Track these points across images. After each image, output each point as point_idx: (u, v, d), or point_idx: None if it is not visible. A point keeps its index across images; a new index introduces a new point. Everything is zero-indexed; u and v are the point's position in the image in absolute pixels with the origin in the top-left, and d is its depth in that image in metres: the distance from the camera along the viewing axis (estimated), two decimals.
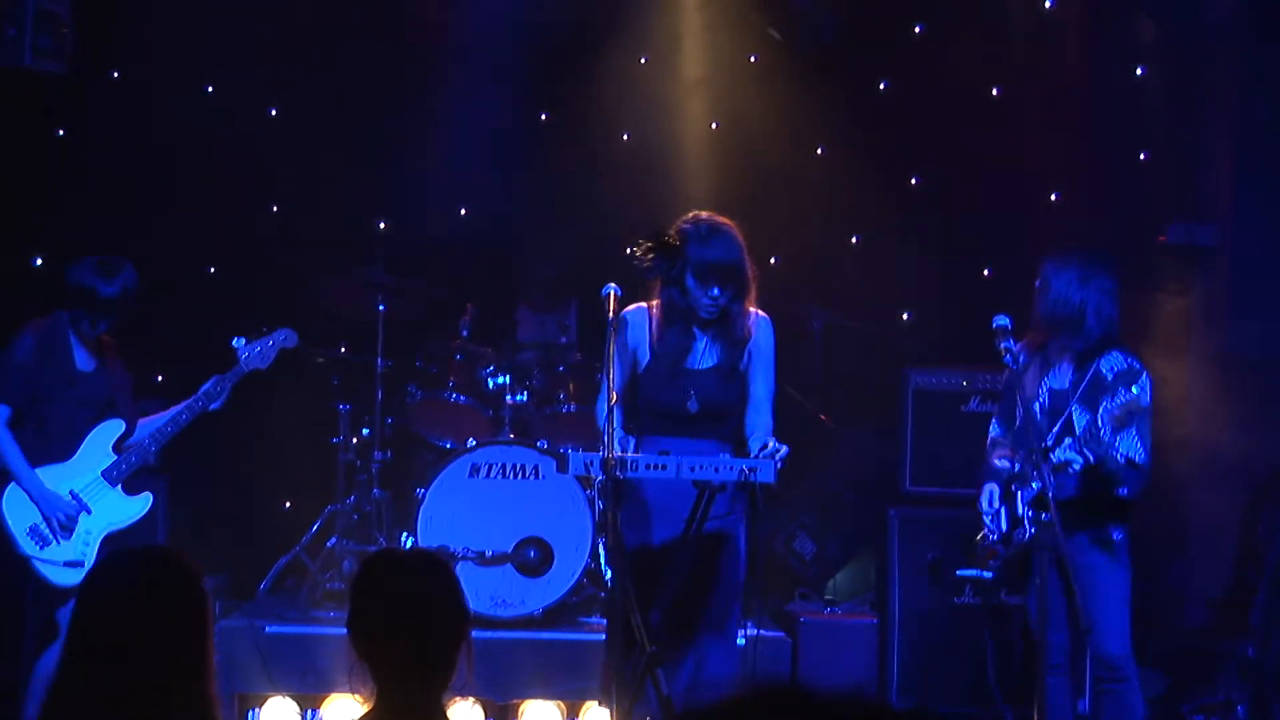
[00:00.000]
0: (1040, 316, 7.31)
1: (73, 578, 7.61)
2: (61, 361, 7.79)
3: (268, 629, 8.64)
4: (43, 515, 7.66)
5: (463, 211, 10.72)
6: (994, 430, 7.57)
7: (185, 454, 9.09)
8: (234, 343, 7.97)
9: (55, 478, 7.76)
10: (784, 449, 6.51)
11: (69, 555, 7.70)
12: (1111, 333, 7.24)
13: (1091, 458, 6.92)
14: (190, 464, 9.42)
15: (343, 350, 9.89)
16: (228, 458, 10.03)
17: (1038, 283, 7.33)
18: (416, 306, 9.97)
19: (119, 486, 7.87)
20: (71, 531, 7.72)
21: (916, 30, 10.35)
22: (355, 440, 9.72)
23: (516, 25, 10.13)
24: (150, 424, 7.98)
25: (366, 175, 10.46)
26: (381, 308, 9.57)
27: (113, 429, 7.89)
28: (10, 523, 7.67)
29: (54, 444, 7.78)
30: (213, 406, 7.93)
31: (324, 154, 10.33)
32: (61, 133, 10.24)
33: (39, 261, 9.99)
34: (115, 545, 7.70)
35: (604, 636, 6.79)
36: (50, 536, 7.68)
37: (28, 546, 7.67)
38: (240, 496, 10.12)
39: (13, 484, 7.69)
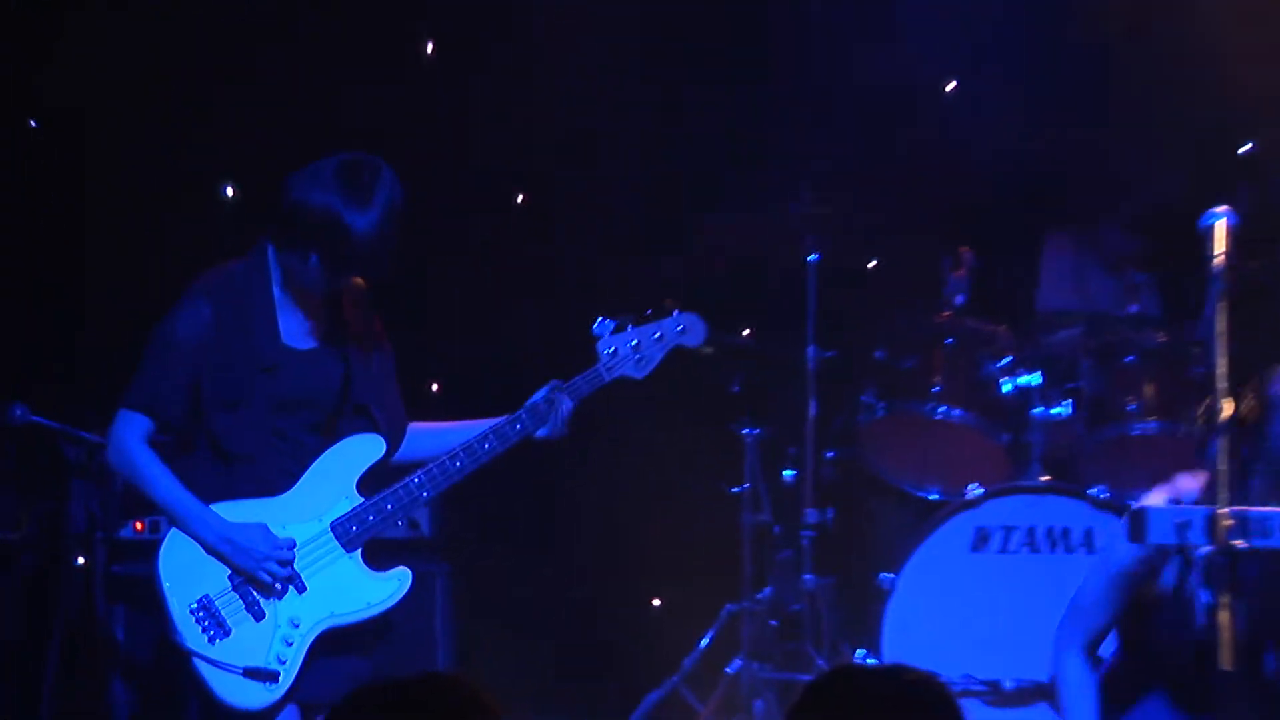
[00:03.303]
0: None
1: (258, 698, 5.30)
2: (255, 335, 5.38)
3: None
4: (234, 570, 5.28)
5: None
6: None
7: (484, 514, 7.37)
8: (595, 328, 5.82)
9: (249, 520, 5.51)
10: None
11: (255, 658, 5.25)
12: None
13: None
14: (494, 530, 7.61)
15: (745, 334, 7.70)
16: (553, 522, 8.05)
17: None
18: (871, 262, 8.11)
19: (358, 552, 5.43)
20: (273, 602, 5.35)
21: None
22: (769, 488, 7.53)
23: None
24: (428, 446, 5.57)
25: None
26: (813, 258, 7.13)
27: (360, 452, 5.45)
28: (167, 592, 5.26)
29: (243, 471, 5.32)
30: (540, 433, 5.66)
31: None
32: None
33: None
34: (339, 651, 5.32)
35: None
36: (226, 619, 5.34)
37: (190, 636, 5.28)
38: (580, 588, 7.96)
39: (173, 531, 5.29)
